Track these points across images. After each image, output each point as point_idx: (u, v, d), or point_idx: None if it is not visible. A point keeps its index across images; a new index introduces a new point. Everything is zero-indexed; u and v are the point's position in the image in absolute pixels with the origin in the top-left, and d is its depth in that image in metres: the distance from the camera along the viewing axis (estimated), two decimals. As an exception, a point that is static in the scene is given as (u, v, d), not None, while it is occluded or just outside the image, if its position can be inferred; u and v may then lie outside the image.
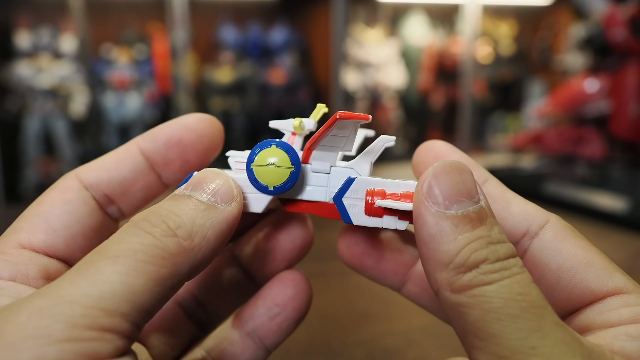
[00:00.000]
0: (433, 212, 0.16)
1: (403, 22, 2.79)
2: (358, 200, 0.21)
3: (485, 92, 2.95)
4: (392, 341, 0.39)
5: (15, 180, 2.10)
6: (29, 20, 2.07)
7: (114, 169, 0.22)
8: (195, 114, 0.23)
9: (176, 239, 0.17)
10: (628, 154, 0.93)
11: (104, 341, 0.14)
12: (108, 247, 0.16)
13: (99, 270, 0.15)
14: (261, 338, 0.23)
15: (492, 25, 2.94)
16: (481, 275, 0.15)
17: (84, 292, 0.15)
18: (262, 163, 0.21)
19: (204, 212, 0.18)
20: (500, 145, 2.69)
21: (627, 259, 0.59)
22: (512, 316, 0.15)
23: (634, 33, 0.87)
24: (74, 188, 0.21)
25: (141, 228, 0.17)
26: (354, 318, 0.44)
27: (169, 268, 0.16)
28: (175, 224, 0.17)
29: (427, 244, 0.16)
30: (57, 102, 2.09)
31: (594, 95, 0.94)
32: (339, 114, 0.19)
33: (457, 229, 0.16)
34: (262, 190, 0.21)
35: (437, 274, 0.16)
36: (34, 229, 0.20)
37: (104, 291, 0.15)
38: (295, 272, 0.24)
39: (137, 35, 2.29)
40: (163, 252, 0.16)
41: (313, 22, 2.53)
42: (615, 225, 0.69)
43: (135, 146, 0.23)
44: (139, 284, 0.15)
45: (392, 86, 2.69)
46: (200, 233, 0.18)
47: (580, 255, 0.19)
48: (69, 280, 0.15)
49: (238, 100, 2.41)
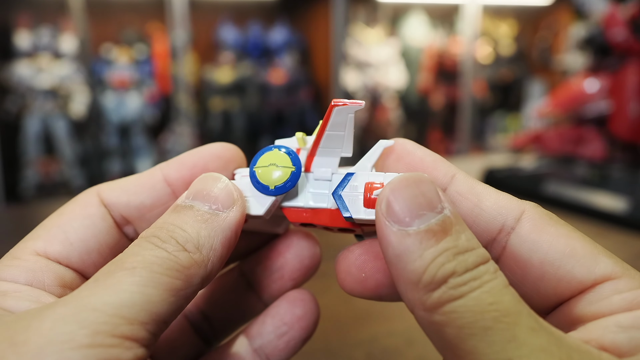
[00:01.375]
0: (395, 231, 0.16)
1: (403, 22, 2.79)
2: (358, 194, 0.20)
3: (485, 92, 2.95)
4: (392, 341, 0.39)
5: (15, 180, 2.10)
6: (29, 20, 2.07)
7: (133, 193, 0.22)
8: (221, 143, 0.23)
9: (186, 253, 0.18)
10: (628, 154, 0.93)
11: (124, 348, 0.15)
12: (124, 259, 0.17)
13: (118, 281, 0.16)
14: (268, 355, 0.24)
15: (492, 25, 2.94)
16: (450, 290, 0.15)
17: (105, 301, 0.15)
18: (264, 164, 0.21)
19: (207, 223, 0.19)
20: (500, 145, 2.69)
21: (627, 259, 0.59)
22: (485, 329, 0.14)
23: (634, 33, 0.87)
24: (94, 204, 0.22)
25: (153, 243, 0.18)
26: (354, 318, 0.44)
27: (182, 280, 0.17)
28: (183, 238, 0.18)
29: (394, 265, 0.16)
30: (57, 102, 2.09)
31: (594, 95, 0.94)
32: (333, 101, 0.20)
33: (422, 245, 0.15)
34: (263, 191, 0.21)
35: (409, 294, 0.16)
36: (51, 239, 0.20)
37: (124, 300, 0.15)
38: (304, 292, 0.24)
39: (137, 35, 2.29)
40: (177, 265, 0.17)
41: (313, 22, 2.53)
42: (615, 225, 0.69)
43: (159, 172, 0.23)
44: (156, 294, 0.16)
45: (392, 86, 2.69)
46: (207, 245, 0.18)
47: (561, 245, 0.18)
48: (89, 290, 0.16)
49: (238, 100, 2.41)
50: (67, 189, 2.16)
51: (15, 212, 0.86)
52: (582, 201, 0.73)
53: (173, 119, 2.34)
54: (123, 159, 2.28)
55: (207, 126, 2.42)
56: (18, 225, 0.56)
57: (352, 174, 0.21)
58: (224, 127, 2.41)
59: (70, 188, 2.16)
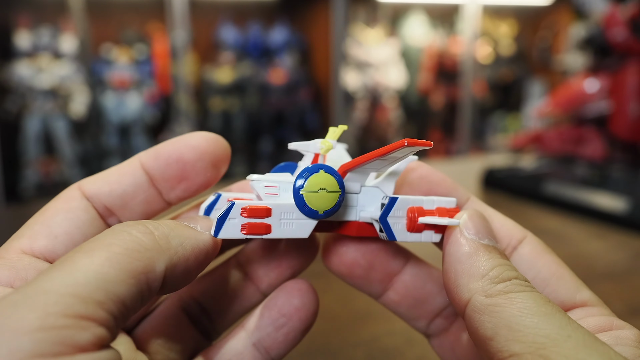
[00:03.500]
0: (470, 238, 0.20)
1: (403, 22, 2.79)
2: (399, 218, 0.22)
3: (485, 92, 2.95)
4: (392, 341, 0.39)
5: (15, 180, 2.10)
6: (29, 20, 2.07)
7: (115, 182, 0.22)
8: (201, 132, 0.23)
9: (152, 235, 0.18)
10: (628, 154, 0.93)
11: (79, 329, 0.14)
12: (85, 244, 0.17)
13: (73, 262, 0.15)
14: (267, 349, 0.23)
15: (492, 25, 2.94)
16: (514, 285, 0.18)
17: (57, 282, 0.15)
18: (313, 189, 0.21)
19: (184, 228, 0.19)
20: (500, 145, 2.69)
21: (627, 259, 0.59)
22: (546, 314, 0.17)
23: (634, 33, 0.87)
24: (76, 197, 0.22)
25: (119, 229, 0.17)
26: (354, 318, 0.44)
27: (143, 261, 0.17)
28: (154, 226, 0.18)
29: (462, 262, 0.20)
30: (57, 102, 2.09)
31: (594, 95, 0.94)
32: (407, 141, 0.20)
33: (490, 254, 0.20)
34: (310, 215, 0.21)
35: (471, 284, 0.19)
36: (36, 235, 0.20)
37: (78, 279, 0.15)
38: (302, 282, 0.24)
39: (137, 35, 2.29)
40: (137, 245, 0.17)
41: (313, 22, 2.53)
42: (615, 225, 0.69)
43: (137, 161, 0.23)
44: (113, 273, 0.16)
45: (392, 86, 2.69)
46: (178, 239, 0.18)
47: (553, 269, 0.22)
48: (45, 274, 0.15)
49: (238, 100, 2.41)
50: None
51: (15, 212, 0.86)
52: (582, 201, 0.73)
53: (173, 119, 2.34)
54: (123, 159, 2.25)
55: (207, 126, 2.42)
56: (18, 225, 0.56)
57: (396, 198, 0.22)
58: (224, 127, 2.41)
59: (70, 188, 2.16)
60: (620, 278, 0.53)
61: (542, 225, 0.70)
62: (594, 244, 0.63)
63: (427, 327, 0.25)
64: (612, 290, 0.50)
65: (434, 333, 0.25)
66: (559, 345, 0.16)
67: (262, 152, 2.45)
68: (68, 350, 0.14)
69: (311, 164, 0.23)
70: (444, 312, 0.25)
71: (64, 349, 0.14)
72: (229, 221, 0.20)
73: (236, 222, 0.20)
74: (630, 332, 0.19)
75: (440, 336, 0.25)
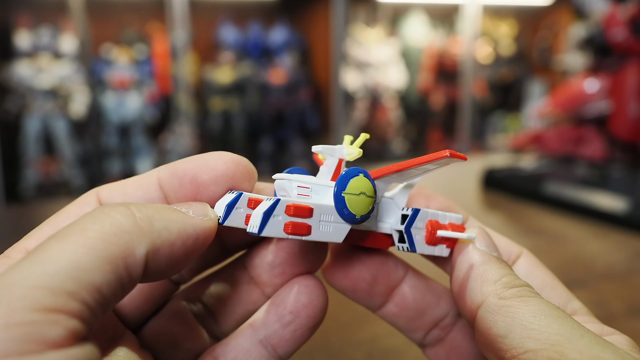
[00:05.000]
0: (481, 249, 0.22)
1: (403, 22, 2.79)
2: (419, 229, 0.22)
3: (485, 92, 2.95)
4: (392, 341, 0.39)
5: (15, 180, 2.10)
6: (29, 20, 2.08)
7: (130, 194, 0.21)
8: (222, 153, 0.22)
9: (133, 217, 0.16)
10: (628, 154, 0.92)
11: (49, 323, 0.13)
12: (60, 230, 0.15)
13: (44, 250, 0.14)
14: (274, 347, 0.23)
15: (492, 25, 2.94)
16: (525, 291, 0.19)
17: (25, 274, 0.14)
18: (354, 192, 0.20)
19: (173, 211, 0.18)
20: (500, 145, 2.69)
21: (627, 259, 0.59)
22: (558, 317, 0.18)
23: (634, 33, 0.87)
24: (91, 204, 0.21)
25: (98, 211, 0.16)
26: (354, 318, 0.44)
27: (120, 245, 0.15)
28: (137, 208, 0.17)
29: (475, 268, 0.21)
30: (57, 102, 2.09)
31: (594, 95, 0.94)
32: (449, 152, 0.20)
33: (501, 264, 0.21)
34: (348, 219, 0.20)
35: (485, 287, 0.20)
36: (43, 237, 0.19)
37: (47, 269, 0.14)
38: (310, 278, 0.23)
39: (137, 35, 2.29)
40: (115, 228, 0.16)
41: (313, 22, 2.53)
42: (615, 225, 0.69)
43: (155, 176, 0.22)
44: (87, 260, 0.14)
45: (392, 86, 2.69)
46: (162, 221, 0.17)
47: (547, 280, 0.23)
48: (14, 266, 0.14)
49: (238, 100, 2.41)
50: (67, 189, 2.16)
51: (15, 212, 0.86)
52: (582, 201, 0.73)
53: (173, 119, 2.34)
54: (123, 159, 2.27)
55: (207, 126, 2.42)
56: (18, 225, 0.56)
57: (419, 210, 0.22)
58: (224, 127, 2.41)
59: (70, 188, 2.16)
60: (620, 278, 0.53)
61: (542, 225, 0.70)
62: (594, 244, 0.63)
63: (423, 338, 0.25)
64: (612, 290, 0.50)
65: (429, 343, 0.25)
66: (573, 343, 0.17)
67: (262, 152, 2.45)
68: (37, 348, 0.13)
69: (334, 170, 0.22)
70: (441, 323, 0.25)
71: (33, 347, 0.13)
72: (273, 218, 0.18)
73: (280, 220, 0.19)
74: (622, 338, 0.20)
75: (435, 346, 0.25)
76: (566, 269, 0.56)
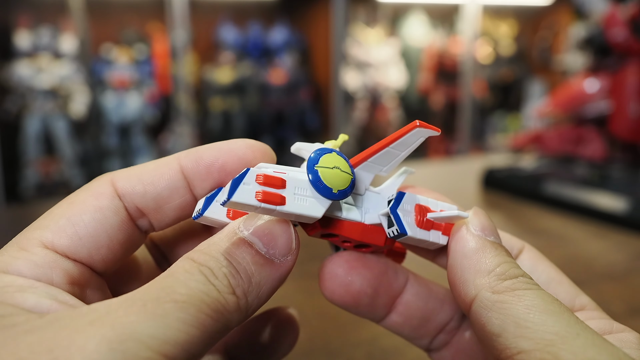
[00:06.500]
0: (477, 235, 0.20)
1: (403, 22, 2.79)
2: (408, 212, 0.21)
3: (485, 92, 2.95)
4: (392, 341, 0.39)
5: (15, 180, 2.10)
6: (29, 20, 2.08)
7: (150, 183, 0.21)
8: (247, 140, 0.22)
9: (234, 297, 0.17)
10: (628, 154, 0.92)
11: None
12: (175, 288, 0.16)
13: (166, 313, 0.15)
14: None
15: (492, 25, 2.94)
16: (520, 283, 0.18)
17: (151, 334, 0.15)
18: (327, 165, 0.20)
19: (262, 269, 0.18)
20: (500, 145, 2.69)
21: (627, 259, 0.59)
22: (554, 312, 0.17)
23: (634, 33, 0.87)
24: (108, 195, 0.20)
25: (205, 275, 0.17)
26: (354, 318, 0.44)
27: (223, 323, 0.17)
28: (235, 281, 0.18)
29: (468, 257, 0.20)
30: (57, 102, 2.09)
31: (594, 95, 0.94)
32: (418, 122, 0.19)
33: (496, 251, 0.20)
34: (324, 193, 0.20)
35: (478, 280, 0.19)
36: (59, 231, 0.19)
37: (169, 337, 0.15)
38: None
39: (137, 35, 2.29)
40: (223, 308, 0.17)
41: (313, 22, 2.53)
42: (615, 225, 0.69)
43: (176, 162, 0.21)
44: (198, 335, 0.16)
45: (392, 86, 2.69)
46: (255, 292, 0.18)
47: (552, 274, 0.23)
48: (135, 315, 0.15)
49: (238, 100, 2.41)
50: (67, 189, 2.16)
51: (15, 212, 0.86)
52: (582, 201, 0.73)
53: (173, 119, 2.34)
54: (123, 159, 2.28)
55: (207, 126, 2.42)
56: (18, 225, 0.56)
57: (404, 193, 0.21)
58: (224, 127, 2.41)
59: (70, 188, 2.16)
60: (620, 278, 0.53)
61: (542, 225, 0.70)
62: (594, 244, 0.63)
63: (429, 344, 0.25)
64: (612, 290, 0.50)
65: (435, 348, 0.25)
66: (567, 343, 0.16)
67: (262, 152, 2.44)
68: None
69: None
70: (446, 328, 0.24)
71: None
72: (243, 185, 0.18)
73: (250, 188, 0.18)
74: (632, 335, 0.19)
75: (441, 350, 0.25)
76: (566, 269, 0.55)
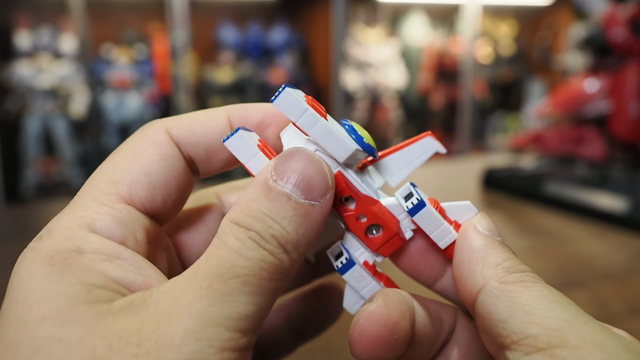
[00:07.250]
0: (483, 233, 0.21)
1: (403, 22, 2.79)
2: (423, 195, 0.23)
3: (485, 92, 2.95)
4: (392, 341, 0.39)
5: (16, 180, 2.10)
6: (29, 20, 2.08)
7: (202, 134, 0.21)
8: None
9: (287, 255, 0.18)
10: (628, 154, 0.92)
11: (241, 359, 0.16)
12: (233, 261, 0.17)
13: (232, 291, 0.16)
14: None
15: (492, 25, 2.94)
16: (528, 277, 0.19)
17: (225, 315, 0.16)
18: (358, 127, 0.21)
19: (304, 219, 0.18)
20: (500, 145, 2.69)
21: (627, 259, 0.59)
22: (562, 303, 0.17)
23: (634, 33, 0.87)
24: (168, 143, 0.21)
25: (257, 242, 0.17)
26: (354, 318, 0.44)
27: (282, 280, 0.18)
28: (284, 238, 0.18)
29: (476, 251, 0.20)
30: (57, 102, 2.09)
31: (594, 95, 0.94)
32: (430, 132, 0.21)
33: (504, 248, 0.20)
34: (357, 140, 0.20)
35: (485, 271, 0.19)
36: (135, 184, 0.19)
37: (241, 314, 0.16)
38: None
39: (137, 35, 2.29)
40: (281, 268, 0.18)
41: (313, 22, 2.53)
42: (615, 225, 0.69)
43: (226, 116, 0.22)
44: (264, 301, 0.17)
45: (392, 86, 2.69)
46: (304, 243, 0.18)
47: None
48: (206, 299, 0.16)
49: (238, 100, 2.41)
50: (67, 189, 2.16)
51: (15, 212, 0.86)
52: (582, 201, 0.73)
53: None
54: (123, 159, 2.27)
55: (207, 126, 2.42)
56: (18, 225, 0.55)
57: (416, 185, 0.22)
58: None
59: (70, 188, 2.16)
60: (620, 278, 0.53)
61: (542, 225, 0.70)
62: (593, 244, 0.63)
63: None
64: (612, 290, 0.50)
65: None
66: (576, 329, 0.16)
67: (262, 152, 2.45)
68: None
69: None
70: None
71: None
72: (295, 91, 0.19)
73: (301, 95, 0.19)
74: (622, 333, 0.19)
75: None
76: (566, 269, 0.56)
